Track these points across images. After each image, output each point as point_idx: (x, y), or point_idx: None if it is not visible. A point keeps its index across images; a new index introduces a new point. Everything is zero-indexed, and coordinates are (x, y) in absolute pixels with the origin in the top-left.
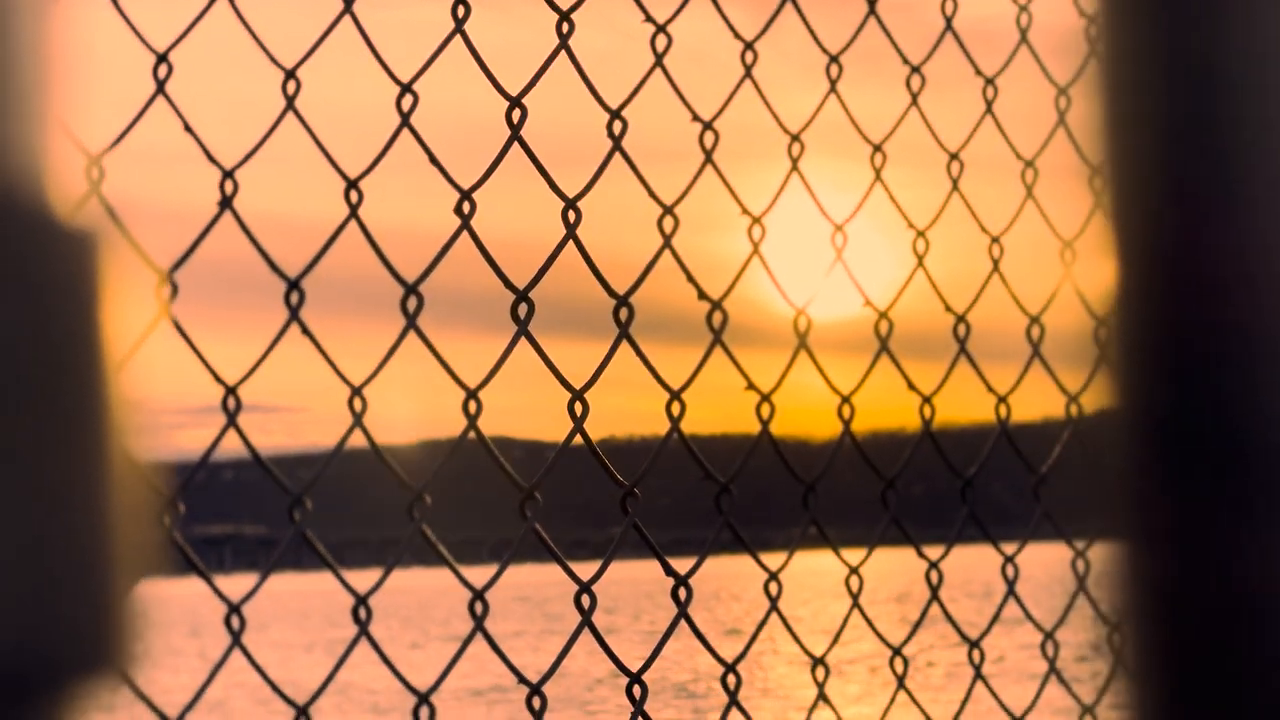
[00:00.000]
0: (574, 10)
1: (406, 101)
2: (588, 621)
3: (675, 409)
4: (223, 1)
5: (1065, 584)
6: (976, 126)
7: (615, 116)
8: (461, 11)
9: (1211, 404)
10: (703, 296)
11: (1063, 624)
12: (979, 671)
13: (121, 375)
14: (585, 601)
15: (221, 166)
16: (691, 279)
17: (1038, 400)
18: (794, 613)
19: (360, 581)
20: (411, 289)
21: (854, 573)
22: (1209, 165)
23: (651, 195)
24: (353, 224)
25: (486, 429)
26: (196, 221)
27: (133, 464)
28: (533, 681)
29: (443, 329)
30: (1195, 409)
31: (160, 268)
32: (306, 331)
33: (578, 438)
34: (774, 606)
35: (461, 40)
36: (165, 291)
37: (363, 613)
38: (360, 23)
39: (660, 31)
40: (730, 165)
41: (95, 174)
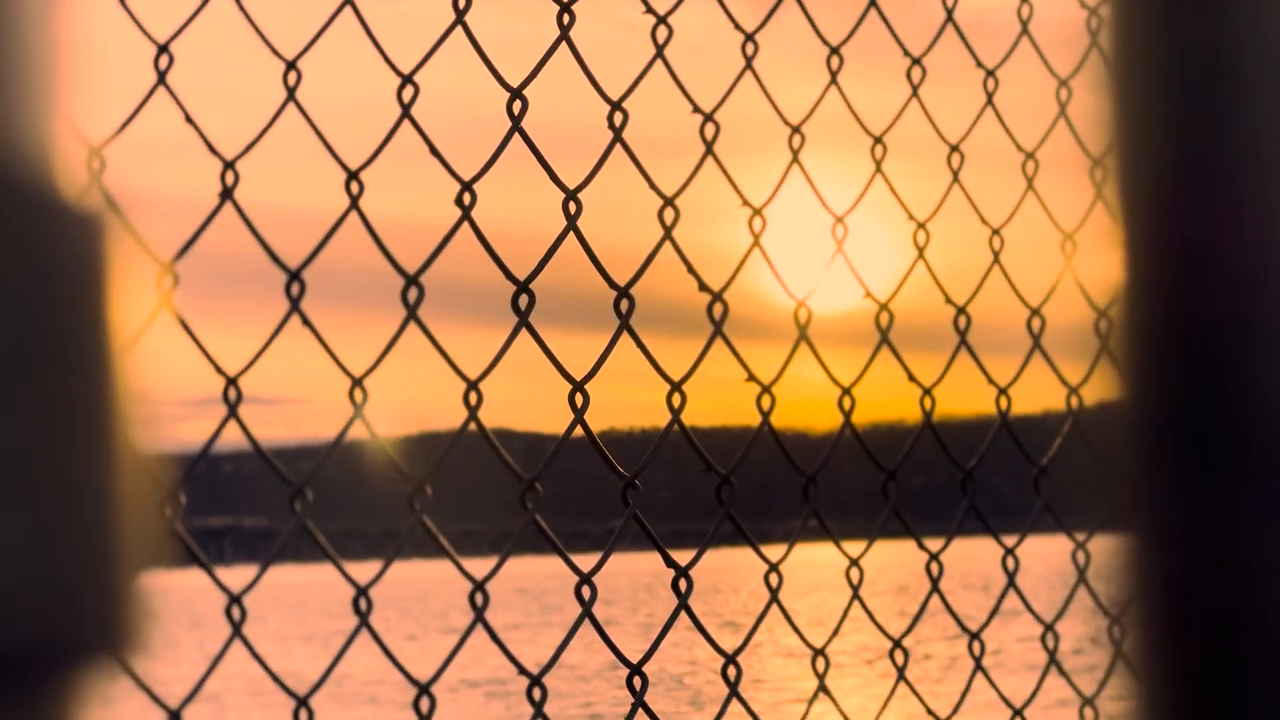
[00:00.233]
0: (575, 2)
1: (407, 93)
2: (588, 612)
3: (676, 400)
4: None
5: (1064, 576)
6: (977, 118)
7: (616, 108)
8: (462, 3)
9: (1214, 396)
10: (703, 288)
11: (1061, 616)
12: (979, 663)
13: (124, 366)
14: (585, 593)
15: (222, 157)
16: (692, 270)
17: (1038, 392)
18: (791, 606)
19: (359, 573)
20: (412, 280)
21: (854, 564)
22: (1212, 157)
23: (652, 187)
24: (353, 215)
25: (487, 420)
26: (197, 212)
27: (134, 455)
28: (533, 673)
29: (443, 320)
30: (1198, 401)
31: (161, 259)
32: (307, 323)
33: (578, 429)
34: (774, 598)
35: (462, 31)
36: (166, 282)
37: (363, 604)
38: (361, 14)
39: (661, 23)
40: (731, 157)
41: (96, 165)
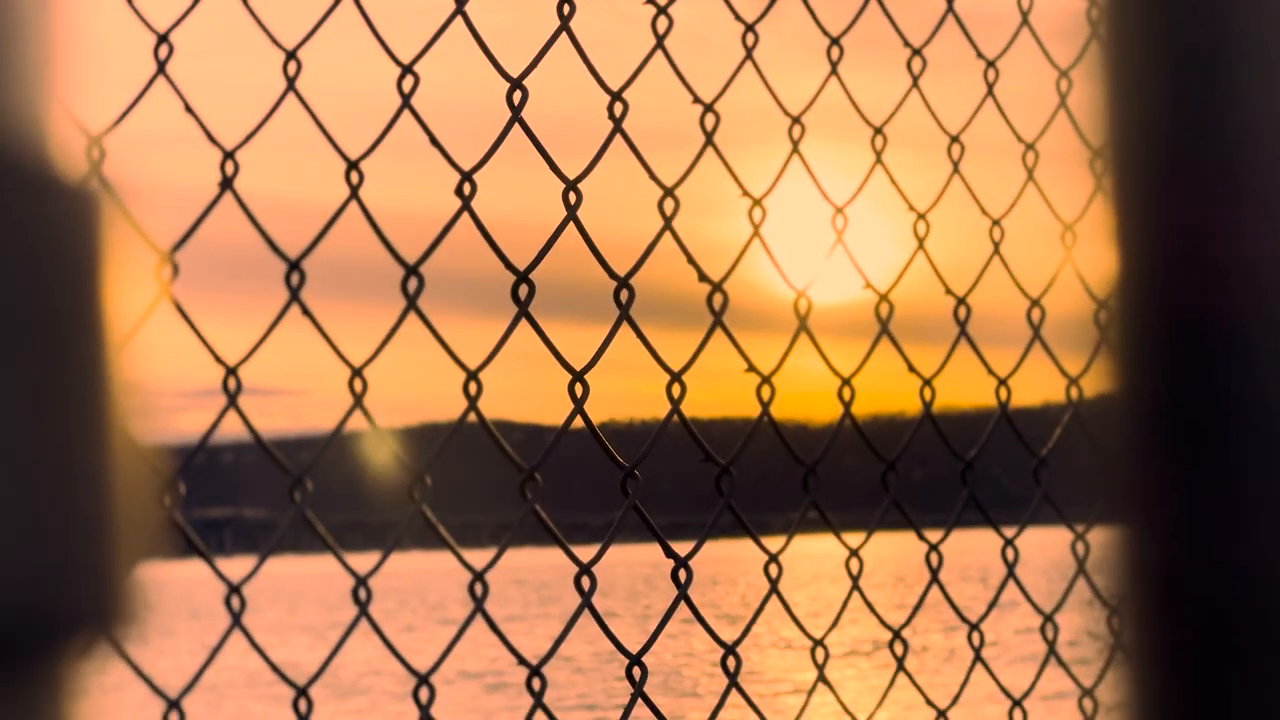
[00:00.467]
0: None
1: (407, 83)
2: (587, 603)
3: (676, 391)
4: None
5: (1063, 568)
6: (977, 109)
7: (616, 98)
8: None
9: (1212, 388)
10: (703, 279)
11: (1060, 607)
12: (979, 654)
13: (123, 356)
14: (585, 583)
15: (222, 147)
16: (692, 261)
17: (1038, 383)
18: (790, 597)
19: (358, 564)
20: (412, 270)
21: (854, 555)
22: (1211, 148)
23: (652, 177)
24: (353, 205)
25: (487, 411)
26: (197, 202)
27: (134, 445)
28: (532, 663)
29: (443, 310)
30: (1196, 392)
31: (161, 248)
32: (307, 312)
33: (578, 420)
34: (774, 589)
35: (462, 21)
36: (166, 272)
37: (362, 594)
38: (361, 3)
39: (661, 13)
40: (731, 147)
41: (96, 154)
